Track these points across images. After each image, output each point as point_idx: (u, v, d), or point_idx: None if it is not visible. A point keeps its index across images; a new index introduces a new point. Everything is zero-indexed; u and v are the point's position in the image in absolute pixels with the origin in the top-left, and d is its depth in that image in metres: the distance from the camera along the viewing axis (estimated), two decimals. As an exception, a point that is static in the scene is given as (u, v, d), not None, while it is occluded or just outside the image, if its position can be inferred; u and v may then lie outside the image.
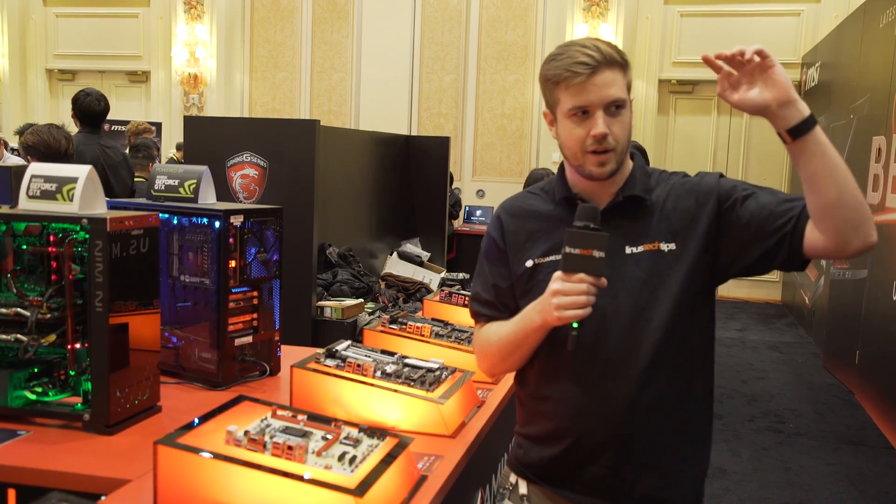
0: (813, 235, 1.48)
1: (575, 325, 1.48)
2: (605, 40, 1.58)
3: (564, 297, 1.46)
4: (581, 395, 1.59)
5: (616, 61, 1.54)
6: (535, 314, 1.54)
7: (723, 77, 1.46)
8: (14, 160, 6.26)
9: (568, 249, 1.47)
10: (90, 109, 4.92)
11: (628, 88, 1.57)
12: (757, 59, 1.40)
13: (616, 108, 1.53)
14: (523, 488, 1.70)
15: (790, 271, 1.56)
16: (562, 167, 1.68)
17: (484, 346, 1.71)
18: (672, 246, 1.56)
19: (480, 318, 1.74)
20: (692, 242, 1.56)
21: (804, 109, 1.41)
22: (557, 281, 1.48)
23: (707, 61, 1.47)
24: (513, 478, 1.73)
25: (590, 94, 1.52)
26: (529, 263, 1.64)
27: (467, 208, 9.82)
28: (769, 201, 1.53)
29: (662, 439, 1.58)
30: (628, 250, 1.57)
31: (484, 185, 10.22)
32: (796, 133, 1.41)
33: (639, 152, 1.73)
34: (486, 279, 1.72)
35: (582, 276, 1.46)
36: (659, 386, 1.56)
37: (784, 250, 1.51)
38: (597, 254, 1.45)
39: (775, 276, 9.62)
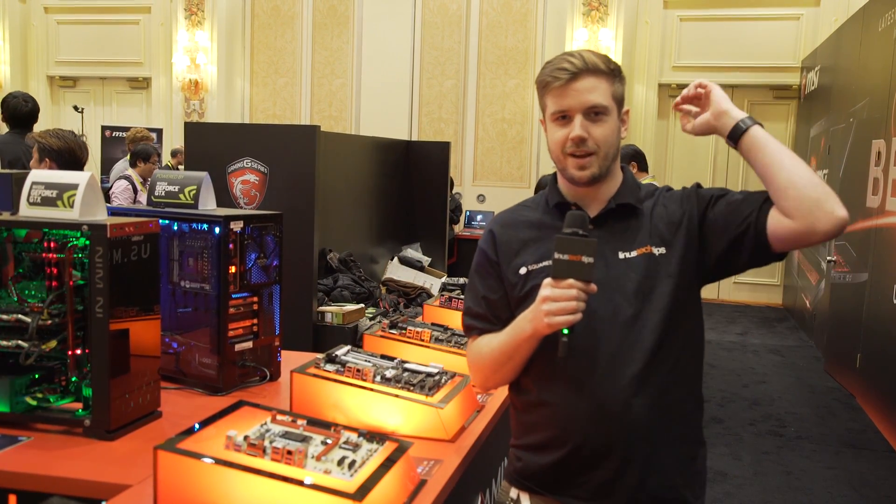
0: (777, 221, 1.52)
1: (565, 331, 1.48)
2: (598, 52, 1.63)
3: (554, 303, 1.47)
4: (580, 400, 1.59)
5: (600, 70, 1.58)
6: (526, 323, 1.55)
7: (683, 116, 1.65)
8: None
9: (557, 255, 1.48)
10: (18, 111, 5.02)
11: (619, 99, 1.61)
12: (701, 90, 1.61)
13: (596, 114, 1.58)
14: (526, 501, 1.69)
15: (767, 263, 1.62)
16: (556, 175, 1.71)
17: (476, 358, 1.72)
18: (662, 250, 1.59)
19: (472, 331, 1.75)
20: (678, 245, 1.60)
21: (736, 115, 1.57)
22: (547, 287, 1.49)
23: (676, 107, 1.66)
24: (513, 492, 1.72)
25: (569, 99, 1.57)
26: (523, 271, 1.66)
27: (468, 213, 9.84)
28: (739, 198, 1.60)
29: (662, 439, 1.59)
30: (622, 255, 1.60)
31: (484, 189, 10.23)
32: (734, 136, 1.56)
33: (633, 157, 1.76)
34: (476, 293, 1.74)
35: (571, 281, 1.47)
36: (656, 387, 1.58)
37: (750, 239, 1.56)
38: (585, 259, 1.46)
39: (776, 279, 9.62)
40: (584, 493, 1.62)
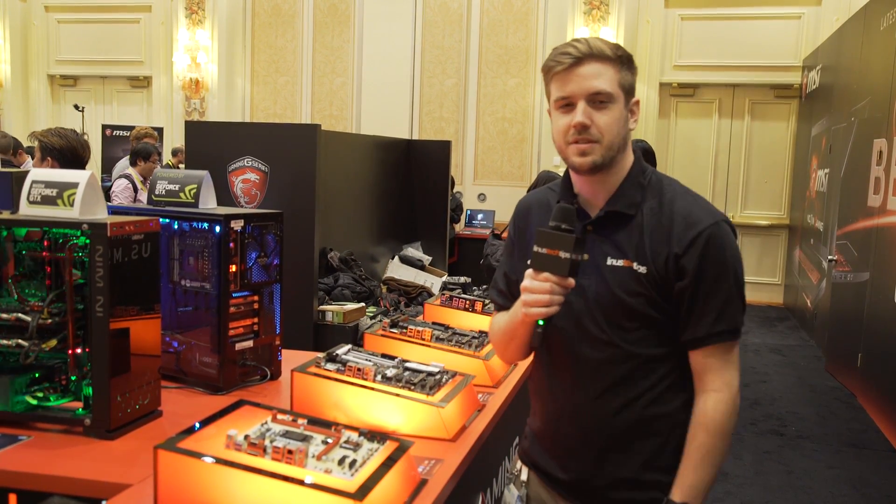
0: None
1: (540, 322, 1.50)
2: (607, 40, 1.57)
3: (531, 294, 1.49)
4: (559, 400, 1.64)
5: (606, 56, 1.53)
6: (519, 308, 1.58)
7: None
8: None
9: (536, 248, 1.48)
10: None
11: (627, 87, 1.56)
12: None
13: (601, 101, 1.53)
14: (524, 475, 1.78)
15: None
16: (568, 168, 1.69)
17: (492, 333, 1.79)
18: (643, 269, 1.55)
19: (495, 305, 1.81)
20: (657, 275, 1.55)
21: None
22: (527, 279, 1.50)
23: None
24: (518, 464, 1.79)
25: (572, 85, 1.53)
26: (529, 262, 1.66)
27: (468, 212, 9.83)
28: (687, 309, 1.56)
29: (639, 448, 1.60)
30: (609, 262, 1.57)
31: (485, 188, 10.22)
32: None
33: (642, 153, 1.73)
34: (503, 269, 1.78)
35: (546, 275, 1.48)
36: (632, 397, 1.58)
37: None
38: (563, 254, 1.46)
39: (777, 278, 9.62)
40: (564, 487, 1.66)
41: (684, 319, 1.57)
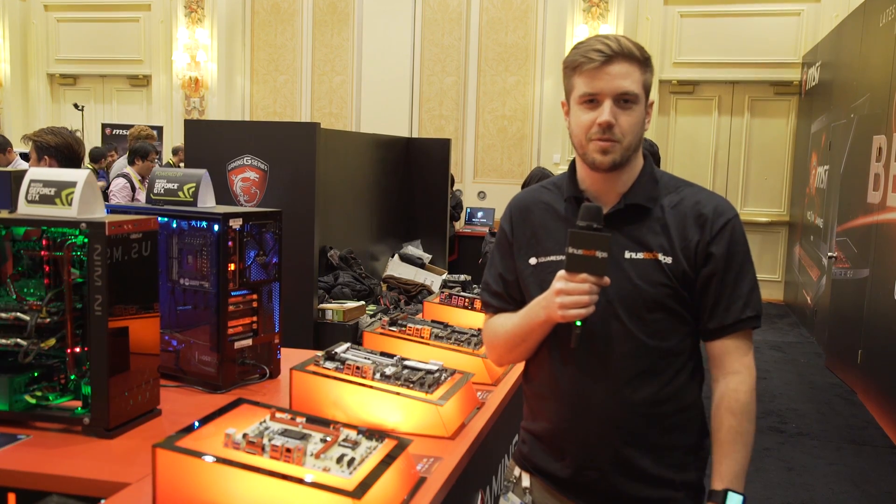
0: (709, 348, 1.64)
1: (578, 322, 1.49)
2: (632, 39, 1.58)
3: (568, 296, 1.48)
4: (576, 400, 1.61)
5: (634, 56, 1.55)
6: (540, 310, 1.56)
7: None
8: (25, 166, 6.24)
9: (571, 250, 1.48)
10: None
11: (647, 89, 1.58)
12: None
13: (626, 101, 1.54)
14: (526, 481, 1.72)
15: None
16: (573, 164, 1.68)
17: (492, 337, 1.74)
18: (668, 260, 1.56)
19: (489, 308, 1.77)
20: (685, 264, 1.57)
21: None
22: (561, 280, 1.49)
23: None
24: (517, 471, 1.75)
25: (600, 82, 1.53)
26: (533, 261, 1.66)
27: (468, 210, 9.82)
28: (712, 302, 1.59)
29: (657, 444, 1.59)
30: (628, 255, 1.57)
31: (485, 186, 10.22)
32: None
33: (651, 154, 1.73)
34: (495, 270, 1.75)
35: (585, 276, 1.47)
36: (652, 391, 1.57)
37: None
38: (599, 254, 1.46)
39: (777, 275, 9.62)
40: (577, 489, 1.64)
41: (712, 307, 1.58)
